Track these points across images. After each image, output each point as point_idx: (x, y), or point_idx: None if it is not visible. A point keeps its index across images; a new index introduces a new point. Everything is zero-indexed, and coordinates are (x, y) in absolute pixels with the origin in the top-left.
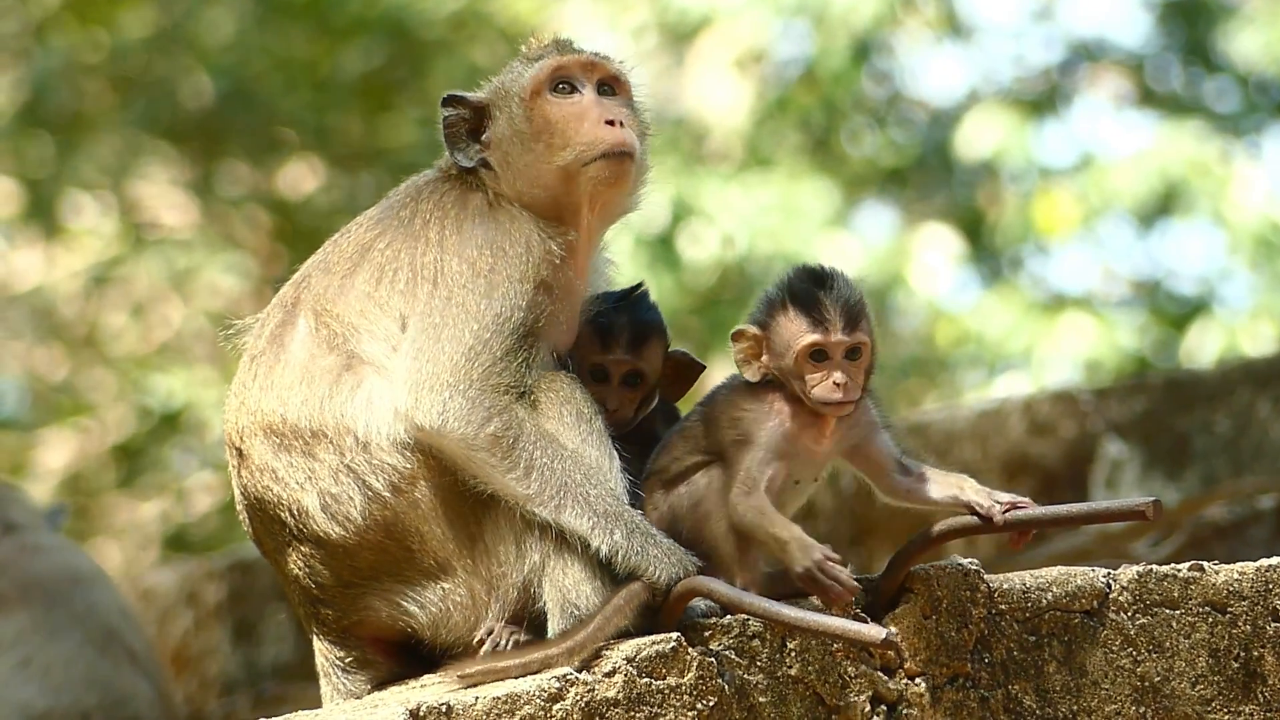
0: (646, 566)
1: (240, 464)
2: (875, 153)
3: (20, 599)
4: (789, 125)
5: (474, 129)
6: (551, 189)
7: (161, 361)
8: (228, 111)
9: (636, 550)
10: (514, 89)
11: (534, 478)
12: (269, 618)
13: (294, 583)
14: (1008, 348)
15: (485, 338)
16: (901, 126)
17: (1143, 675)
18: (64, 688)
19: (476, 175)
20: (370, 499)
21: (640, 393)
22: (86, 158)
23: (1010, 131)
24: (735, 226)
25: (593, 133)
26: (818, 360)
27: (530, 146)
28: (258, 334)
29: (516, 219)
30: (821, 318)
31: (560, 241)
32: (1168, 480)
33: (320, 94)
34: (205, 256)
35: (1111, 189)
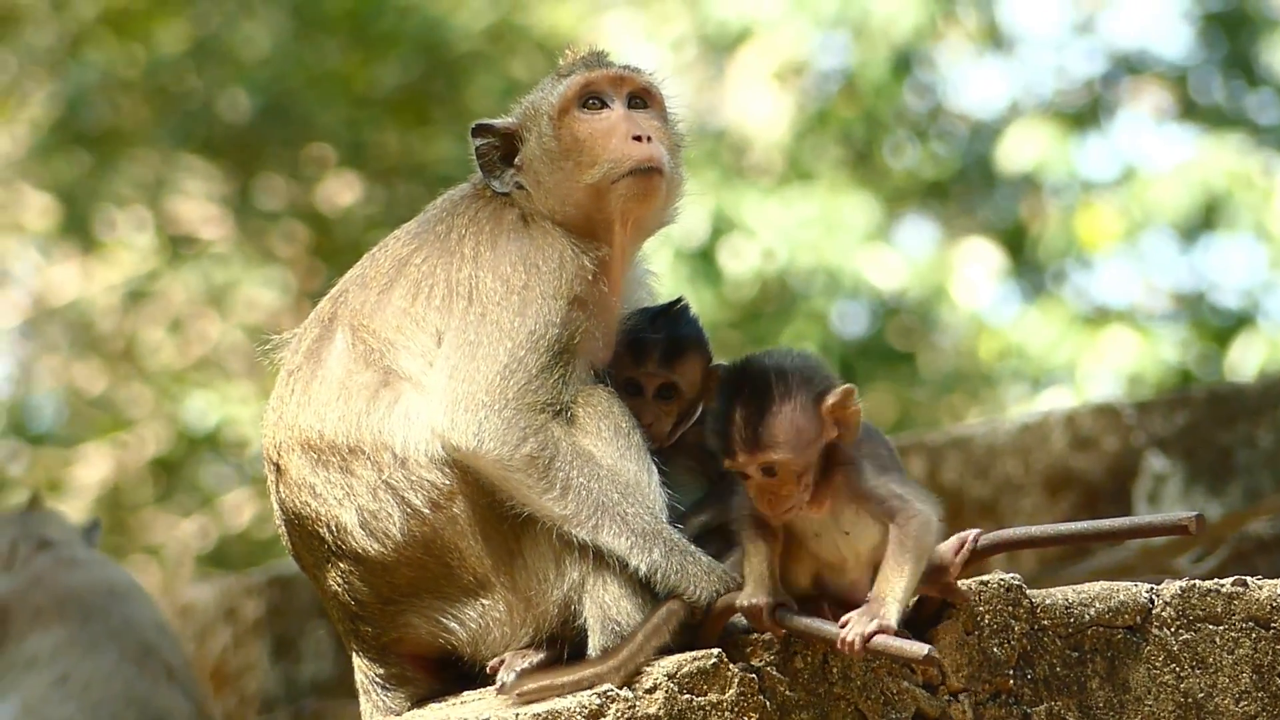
0: (686, 585)
1: (279, 479)
2: (917, 166)
3: (57, 614)
4: (830, 138)
5: (506, 153)
6: (583, 206)
7: (199, 377)
8: (264, 126)
9: (675, 569)
10: (543, 107)
11: (570, 498)
12: (308, 634)
13: (333, 599)
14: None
15: (520, 355)
16: (943, 139)
17: (1186, 691)
18: (102, 704)
19: (510, 194)
20: (409, 515)
21: (676, 407)
22: (122, 172)
23: (1052, 144)
24: (776, 240)
25: (620, 149)
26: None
27: (560, 165)
28: (295, 349)
29: (549, 235)
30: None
31: (593, 257)
32: (1210, 495)
33: (357, 108)
34: (242, 271)
35: (1153, 202)
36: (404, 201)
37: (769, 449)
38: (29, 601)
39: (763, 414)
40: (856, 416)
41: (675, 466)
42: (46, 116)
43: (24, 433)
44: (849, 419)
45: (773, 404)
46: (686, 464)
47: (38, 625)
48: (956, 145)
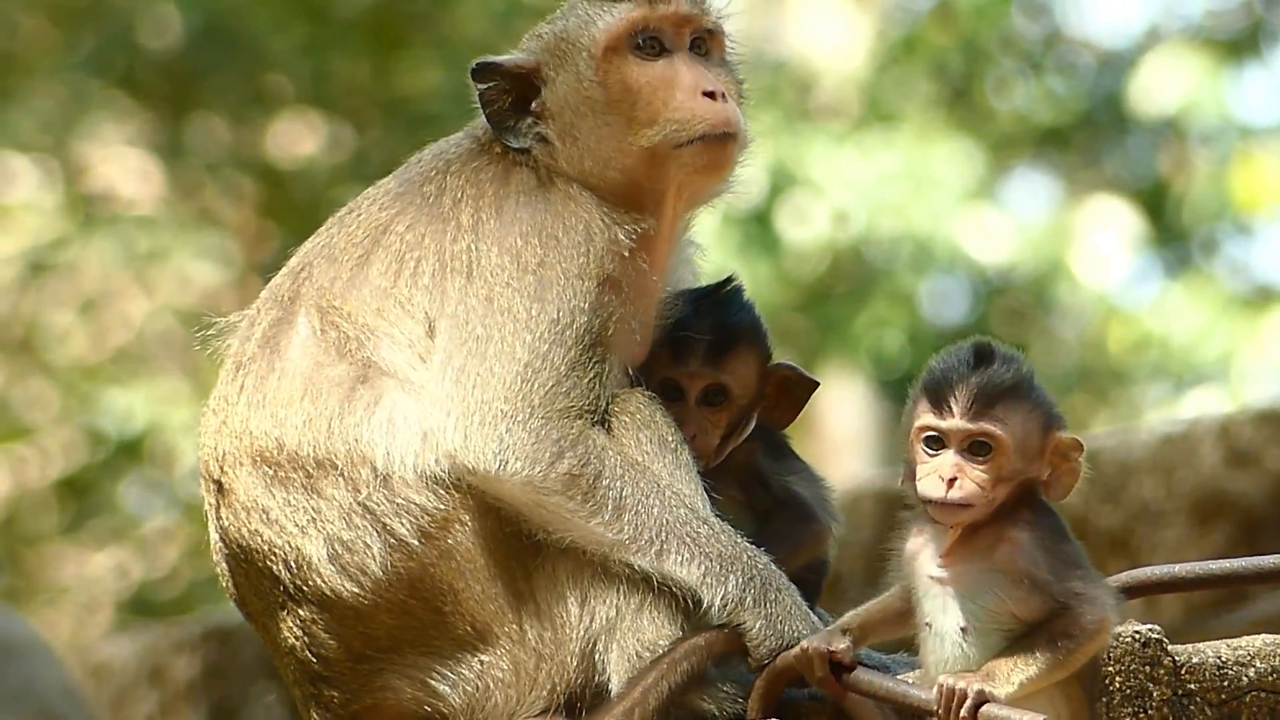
0: (754, 625)
1: (221, 501)
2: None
3: None
4: (918, 72)
5: (520, 98)
6: (630, 171)
7: (118, 372)
8: (201, 53)
9: (749, 605)
10: (582, 41)
11: (626, 519)
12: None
13: (289, 655)
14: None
15: (543, 350)
16: (1063, 74)
17: None
18: None
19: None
20: (391, 548)
21: (726, 415)
22: (22, 112)
23: (1201, 80)
24: (850, 200)
25: (689, 107)
26: (931, 447)
27: (604, 118)
28: (245, 336)
29: (573, 200)
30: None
31: (630, 230)
32: None
33: (319, 30)
34: (174, 237)
35: None
36: (379, 149)
37: (997, 420)
38: None
39: (1009, 386)
40: (1075, 474)
41: (714, 494)
42: None
43: None
44: (1068, 470)
45: (1021, 385)
46: (731, 494)
47: None
48: (1080, 81)
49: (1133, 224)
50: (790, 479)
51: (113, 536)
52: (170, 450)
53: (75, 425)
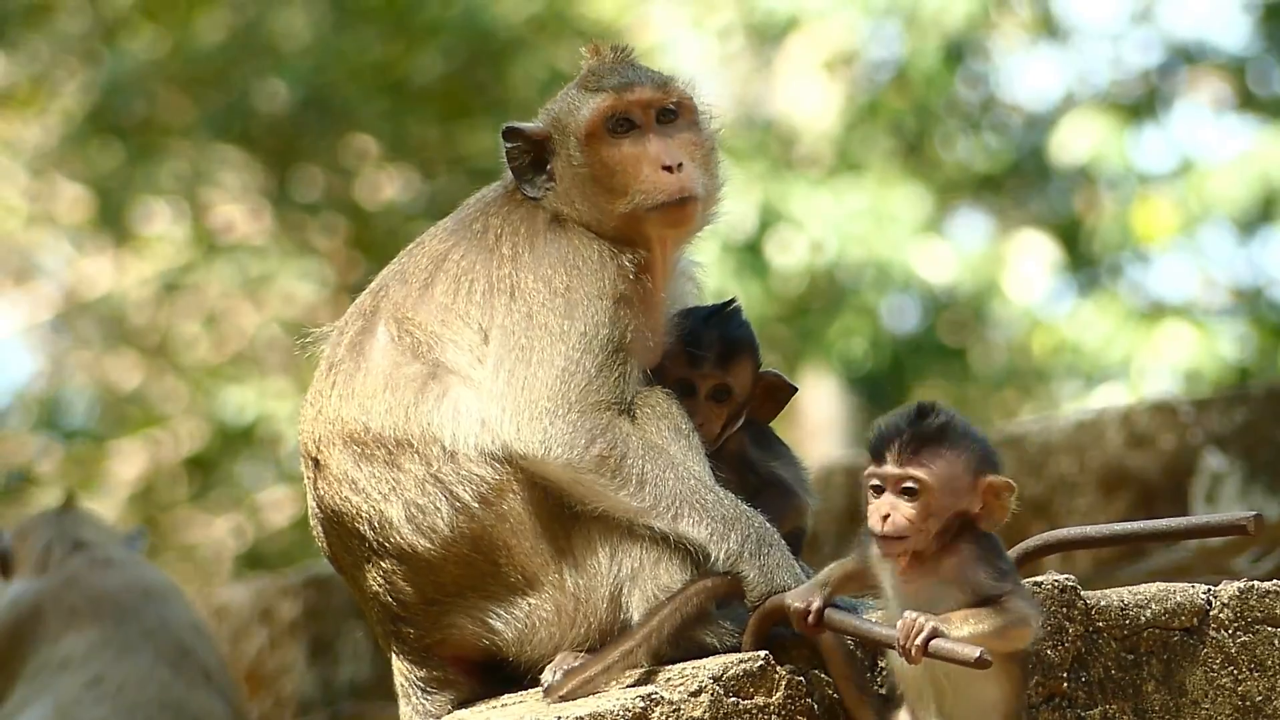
0: (750, 574)
1: (317, 475)
2: (969, 157)
3: (91, 615)
4: (880, 129)
5: (537, 159)
6: (618, 228)
7: (235, 372)
8: (303, 117)
9: (749, 555)
10: (570, 127)
11: (648, 491)
12: (345, 635)
13: (373, 600)
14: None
15: (575, 357)
16: (996, 131)
17: (1244, 694)
18: (136, 707)
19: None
20: (457, 511)
21: (727, 409)
22: (158, 164)
23: (1108, 136)
24: (825, 233)
25: (651, 180)
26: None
27: (591, 189)
28: (336, 342)
29: (584, 236)
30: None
31: (630, 258)
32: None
33: (397, 99)
34: (279, 264)
35: (1211, 195)
36: (444, 194)
37: (922, 465)
38: (63, 603)
39: (932, 436)
40: (1004, 511)
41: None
42: (80, 106)
43: (56, 429)
44: (997, 507)
45: (946, 435)
46: (725, 476)
47: (71, 627)
48: (1010, 137)
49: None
50: (774, 464)
51: (231, 504)
52: (276, 435)
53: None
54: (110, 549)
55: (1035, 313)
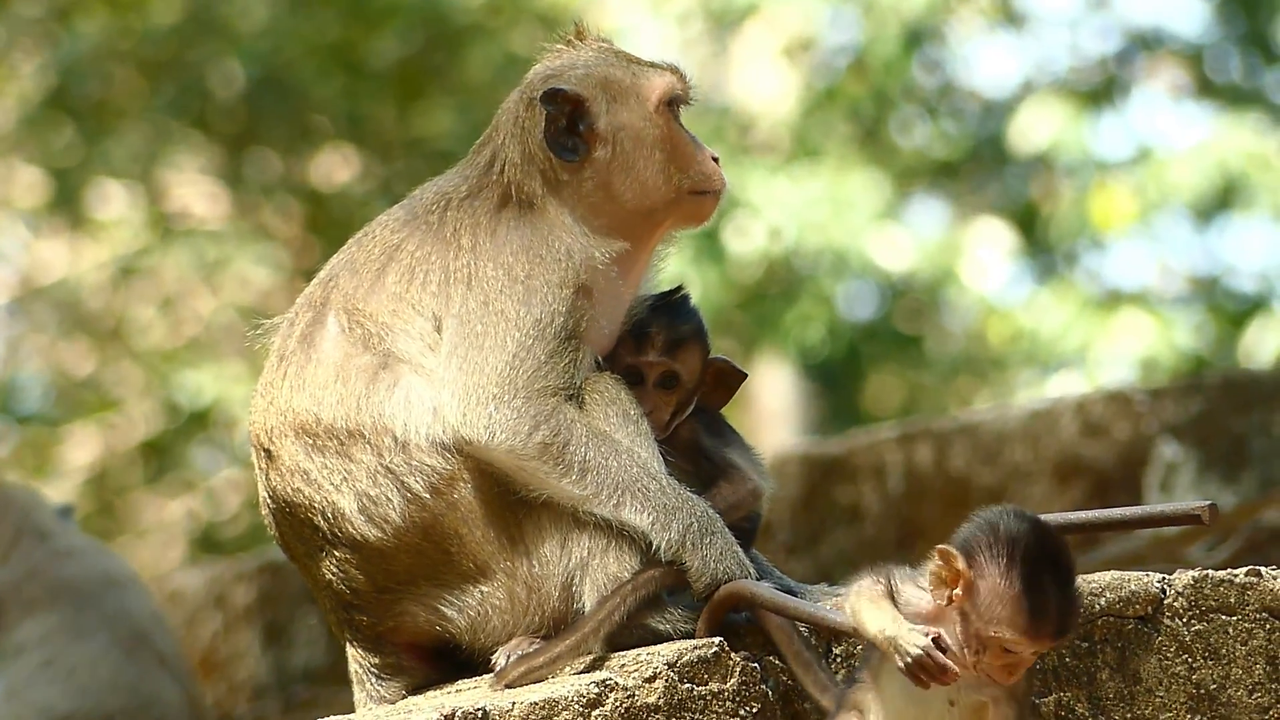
0: (692, 564)
1: (269, 466)
2: (926, 144)
3: (49, 602)
4: (838, 116)
5: (571, 121)
6: (648, 199)
7: (190, 356)
8: (259, 99)
9: (690, 547)
10: (639, 89)
11: (590, 478)
12: (299, 620)
13: (326, 588)
14: (1062, 346)
15: (528, 344)
16: (954, 118)
17: (1198, 683)
18: (88, 690)
19: (512, 186)
20: (409, 501)
21: (676, 396)
22: (114, 146)
23: (1065, 123)
24: (782, 219)
25: (709, 166)
26: (1000, 651)
27: (651, 152)
28: (286, 334)
29: (555, 228)
30: (1043, 623)
31: (607, 250)
32: (1224, 483)
33: (354, 81)
34: (235, 248)
35: (1169, 183)
36: (401, 177)
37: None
38: (23, 593)
39: (1073, 600)
40: None
41: (668, 466)
42: (36, 89)
43: (10, 413)
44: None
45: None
46: (678, 464)
47: (29, 614)
48: (967, 124)
49: (1009, 239)
50: (727, 450)
51: (185, 488)
52: (231, 419)
53: (155, 399)
54: (71, 539)
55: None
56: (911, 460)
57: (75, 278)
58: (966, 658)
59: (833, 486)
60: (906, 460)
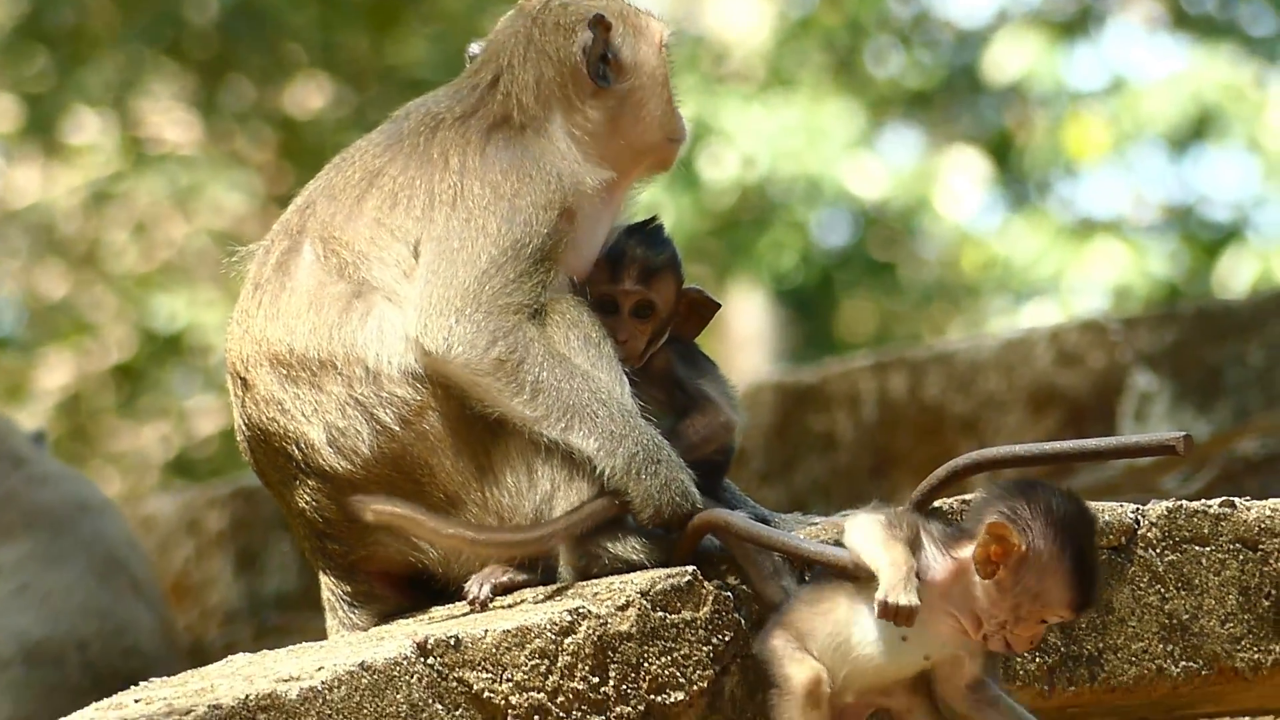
0: (634, 494)
1: (245, 395)
2: (901, 74)
3: (25, 528)
4: (812, 45)
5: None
6: (645, 137)
7: (163, 281)
8: (233, 27)
9: (634, 475)
10: (651, 26)
11: (541, 400)
12: (272, 546)
13: (299, 516)
14: (1035, 274)
15: (500, 262)
16: (928, 47)
17: (1171, 613)
18: (61, 615)
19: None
20: (378, 432)
21: (651, 326)
22: (88, 73)
23: (1039, 53)
24: (756, 147)
25: (681, 115)
26: (1039, 621)
27: (662, 92)
28: (262, 261)
29: (548, 151)
30: (1089, 596)
31: (597, 176)
32: (1198, 413)
33: (328, 9)
34: (209, 174)
35: (1143, 113)
36: (375, 104)
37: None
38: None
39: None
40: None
41: (641, 395)
42: (9, 16)
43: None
44: None
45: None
46: (652, 393)
47: (3, 541)
48: (941, 53)
49: (983, 168)
50: (701, 381)
51: (159, 413)
52: (205, 345)
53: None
54: (46, 465)
55: (965, 228)
56: (886, 389)
57: (49, 202)
58: (985, 626)
59: (807, 415)
60: (881, 389)
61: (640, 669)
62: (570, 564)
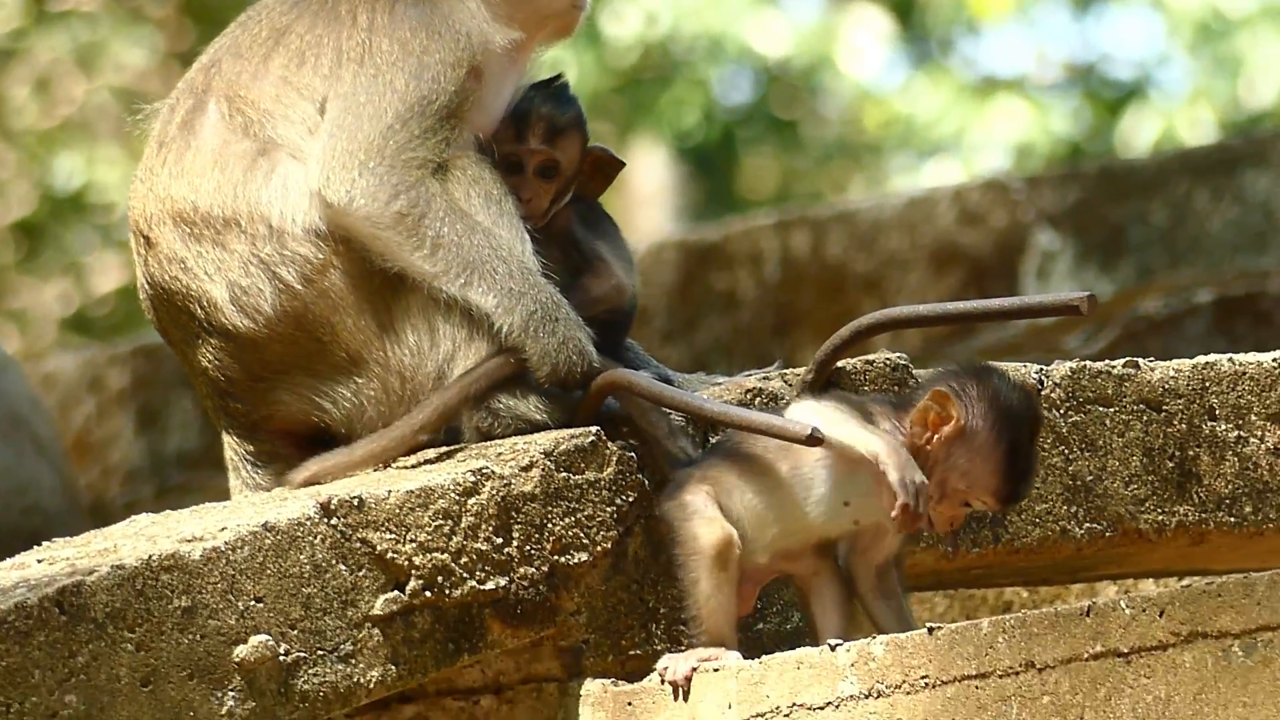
0: (532, 352)
1: (148, 253)
2: None
3: None
4: None
5: None
6: (537, 8)
7: (65, 138)
8: None
9: (531, 333)
10: None
11: (440, 255)
12: (174, 405)
13: (202, 375)
14: (937, 132)
15: (406, 118)
16: None
17: (1075, 474)
18: None
19: None
20: (281, 291)
21: (555, 185)
22: None
23: None
24: (659, 4)
25: None
26: (961, 504)
27: None
28: (167, 120)
29: (457, 9)
30: (1016, 489)
31: (505, 36)
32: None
33: None
34: (111, 30)
35: None
36: None
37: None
38: None
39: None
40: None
41: (541, 254)
42: None
43: None
44: None
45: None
46: (553, 254)
47: None
48: None
49: (886, 25)
50: (598, 243)
51: (60, 271)
52: (106, 203)
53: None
54: None
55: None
56: (788, 247)
57: None
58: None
59: (709, 273)
60: (783, 247)
61: (544, 530)
62: (473, 424)
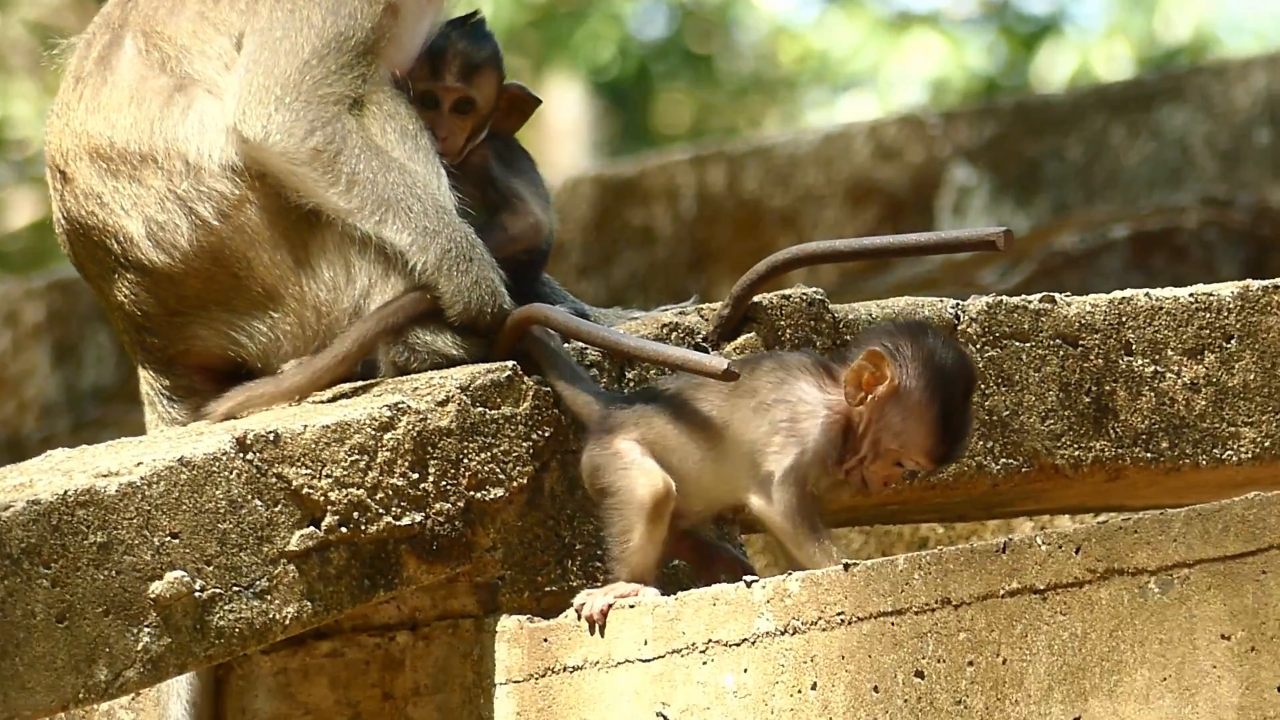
0: (448, 291)
1: (64, 188)
2: None
3: None
4: None
5: None
6: None
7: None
8: None
9: (446, 271)
10: None
11: (355, 191)
12: (89, 339)
13: (118, 310)
14: (852, 67)
15: (323, 53)
16: None
17: (991, 409)
18: None
19: None
20: (197, 226)
21: (471, 122)
22: None
23: None
24: None
25: None
26: (894, 463)
27: None
28: (83, 55)
29: None
30: (949, 449)
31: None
32: (1017, 208)
33: None
34: None
35: None
36: None
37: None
38: None
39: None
40: None
41: (458, 191)
42: None
43: None
44: None
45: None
46: (470, 192)
47: None
48: None
49: None
50: (515, 180)
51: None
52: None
53: None
54: None
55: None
56: (704, 182)
57: None
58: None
59: (625, 208)
60: (699, 182)
61: (460, 465)
62: (389, 359)
